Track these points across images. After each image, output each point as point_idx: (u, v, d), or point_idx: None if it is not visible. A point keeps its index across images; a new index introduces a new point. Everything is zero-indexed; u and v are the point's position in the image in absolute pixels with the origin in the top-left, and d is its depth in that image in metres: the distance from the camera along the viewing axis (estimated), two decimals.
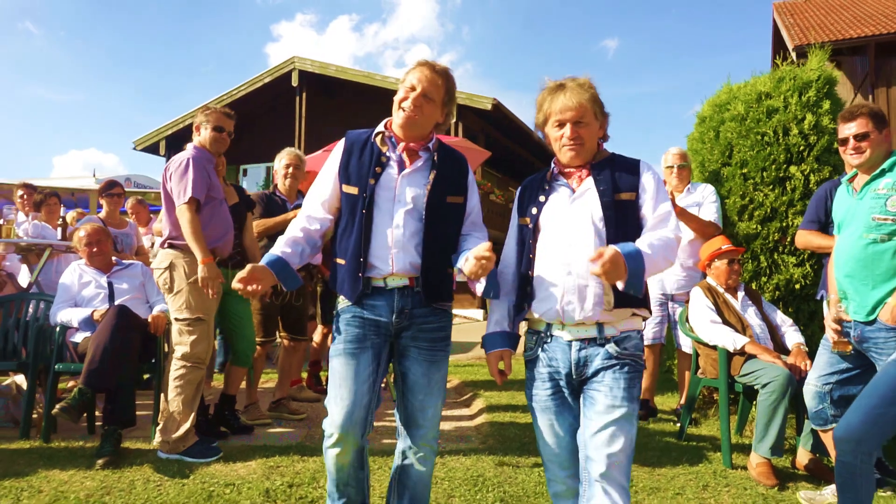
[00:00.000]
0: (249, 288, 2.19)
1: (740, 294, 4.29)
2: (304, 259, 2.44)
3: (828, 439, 3.29)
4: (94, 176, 11.74)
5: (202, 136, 3.97)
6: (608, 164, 2.22)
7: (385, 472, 3.52)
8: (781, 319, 4.26)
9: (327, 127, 17.20)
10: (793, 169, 4.51)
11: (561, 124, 2.19)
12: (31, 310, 4.55)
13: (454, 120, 15.52)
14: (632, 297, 2.05)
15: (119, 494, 3.18)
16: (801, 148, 4.50)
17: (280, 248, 2.37)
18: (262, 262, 2.30)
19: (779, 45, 20.24)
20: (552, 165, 2.30)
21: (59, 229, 5.74)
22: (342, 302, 2.41)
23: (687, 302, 4.41)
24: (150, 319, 4.08)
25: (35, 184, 6.62)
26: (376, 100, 16.34)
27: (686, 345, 4.73)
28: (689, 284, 4.61)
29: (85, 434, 4.25)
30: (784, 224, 4.53)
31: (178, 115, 20.46)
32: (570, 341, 2.15)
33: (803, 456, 3.82)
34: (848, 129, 3.20)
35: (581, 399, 2.16)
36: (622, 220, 2.13)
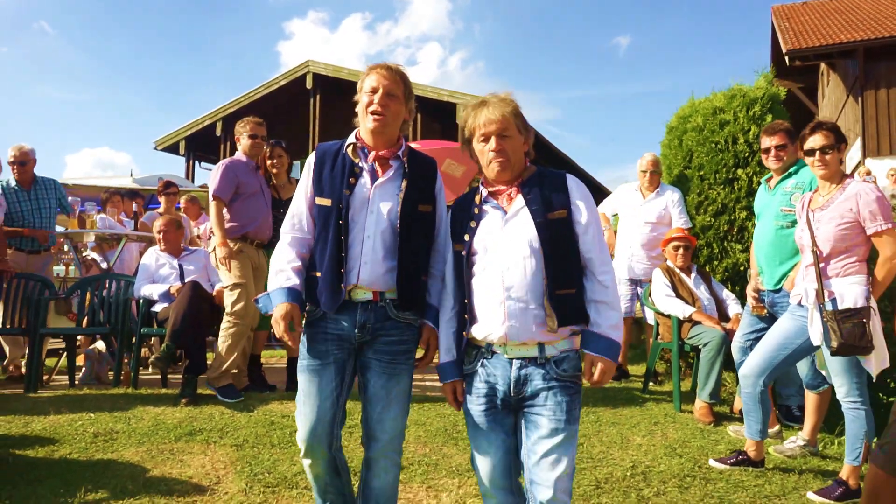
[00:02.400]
0: (290, 340, 2.30)
1: (693, 274, 5.25)
2: (304, 286, 2.43)
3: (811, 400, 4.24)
4: (131, 175, 12.77)
5: (242, 144, 5.00)
6: (536, 182, 2.24)
7: None
8: (726, 295, 5.22)
9: (340, 127, 17.90)
10: (740, 171, 5.45)
11: (486, 138, 2.21)
12: (112, 287, 5.57)
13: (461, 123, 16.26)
14: (573, 315, 2.16)
15: (203, 421, 4.18)
16: (747, 154, 5.44)
17: (287, 277, 2.35)
18: (284, 300, 2.29)
19: (777, 47, 20.75)
20: (480, 187, 2.31)
21: (133, 221, 6.78)
22: (307, 315, 2.42)
23: (649, 282, 5.39)
24: (214, 293, 5.07)
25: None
26: None
27: (650, 317, 5.67)
28: (651, 270, 5.57)
29: (158, 386, 5.28)
30: (732, 217, 5.47)
31: (191, 113, 21.43)
32: (511, 359, 2.16)
33: (739, 402, 4.78)
34: (770, 141, 4.15)
35: (521, 420, 2.19)
36: (557, 239, 2.15)
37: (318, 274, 2.37)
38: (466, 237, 2.24)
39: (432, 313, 2.40)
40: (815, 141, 3.51)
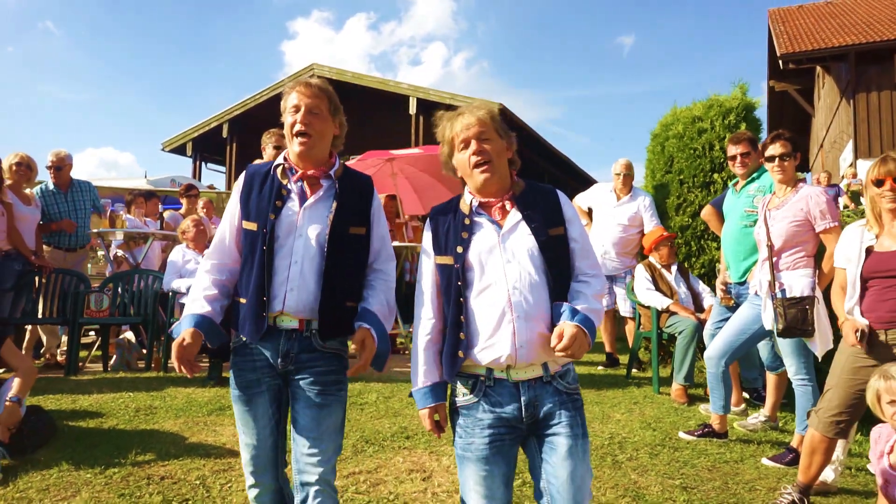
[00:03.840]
0: (184, 368, 2.22)
1: (673, 269, 5.76)
2: (223, 313, 2.34)
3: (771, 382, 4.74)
4: (145, 177, 13.32)
5: (267, 153, 5.47)
6: (530, 196, 2.15)
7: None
8: (702, 288, 5.72)
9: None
10: (716, 176, 5.95)
11: (466, 143, 2.10)
12: (140, 282, 6.09)
13: None
14: None
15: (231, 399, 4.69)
16: (722, 160, 5.93)
17: (200, 305, 2.27)
18: (189, 326, 2.21)
19: (774, 49, 21.06)
20: (468, 196, 2.16)
21: (159, 221, 7.33)
22: (235, 340, 2.34)
23: (632, 277, 5.91)
24: None
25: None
26: (389, 104, 17.70)
27: (625, 310, 6.18)
28: (622, 266, 6.09)
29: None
30: None
31: (195, 113, 21.95)
32: (518, 382, 2.03)
33: None
34: (736, 149, 4.65)
35: (532, 445, 2.08)
36: (559, 256, 2.09)
37: (244, 301, 2.28)
38: (459, 249, 2.09)
39: (369, 316, 2.29)
40: (775, 149, 4.00)
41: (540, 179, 21.68)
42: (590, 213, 6.54)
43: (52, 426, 3.92)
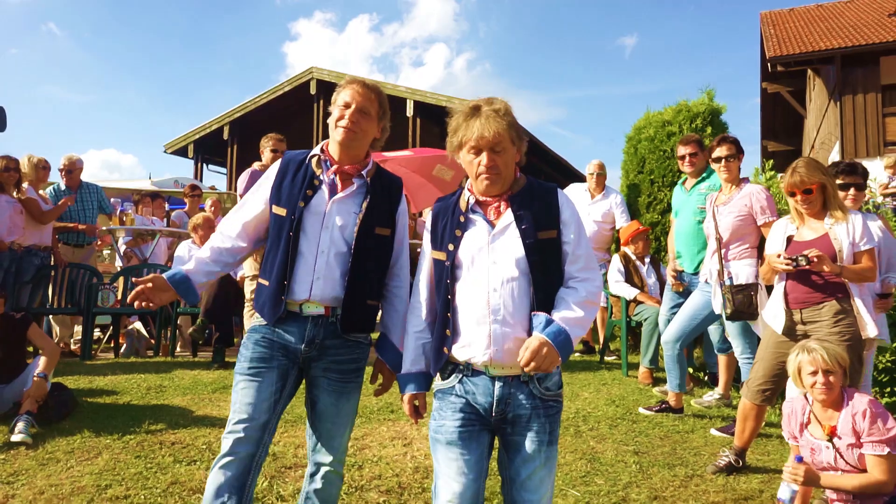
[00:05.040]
0: (143, 304, 2.30)
1: (647, 261, 6.21)
2: (211, 277, 2.43)
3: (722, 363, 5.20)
4: (149, 178, 13.81)
5: (265, 156, 5.91)
6: (527, 196, 2.11)
7: None
8: None
9: None
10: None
11: (477, 151, 2.06)
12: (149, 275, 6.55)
13: None
14: None
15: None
16: None
17: (188, 265, 2.39)
18: (165, 276, 2.32)
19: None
20: (467, 194, 2.17)
21: (166, 220, 7.81)
22: (254, 321, 2.38)
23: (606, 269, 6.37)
24: (238, 279, 6.05)
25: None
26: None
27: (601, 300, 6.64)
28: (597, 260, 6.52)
29: (190, 356, 6.27)
30: None
31: (197, 114, 22.26)
32: (493, 377, 2.04)
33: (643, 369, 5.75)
34: (684, 150, 5.10)
35: (502, 441, 2.11)
36: (546, 260, 2.05)
37: (266, 283, 2.34)
38: (451, 246, 2.11)
39: (387, 347, 2.38)
40: (721, 151, 4.45)
41: None
42: None
43: (73, 400, 4.38)
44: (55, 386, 4.31)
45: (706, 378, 5.67)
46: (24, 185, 6.16)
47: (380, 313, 2.52)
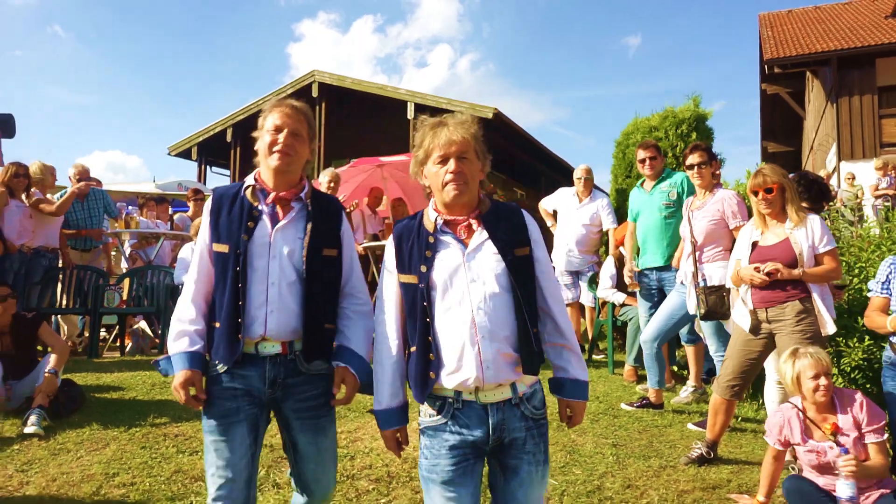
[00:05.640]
0: (193, 403, 2.22)
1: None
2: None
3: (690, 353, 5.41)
4: (153, 181, 14.06)
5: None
6: (497, 216, 2.12)
7: None
8: None
9: (344, 134, 19.01)
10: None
11: (444, 160, 2.05)
12: (153, 277, 6.80)
13: None
14: (540, 354, 2.10)
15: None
16: (674, 166, 6.61)
17: (193, 342, 2.24)
18: (186, 367, 2.19)
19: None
20: (433, 214, 2.12)
21: (170, 223, 8.07)
22: (212, 369, 2.26)
23: (598, 269, 6.60)
24: None
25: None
26: (388, 109, 18.32)
27: (587, 301, 6.85)
28: (584, 263, 6.74)
29: None
30: None
31: (201, 116, 22.42)
32: (486, 405, 2.03)
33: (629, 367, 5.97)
34: (644, 154, 5.33)
35: (499, 465, 2.10)
36: (525, 278, 2.07)
37: (217, 325, 2.24)
38: (423, 268, 2.05)
39: (347, 354, 2.29)
40: (693, 159, 4.68)
41: (537, 183, 22.26)
42: (555, 214, 7.19)
43: (82, 396, 4.62)
44: (65, 382, 4.55)
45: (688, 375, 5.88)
46: (33, 189, 6.41)
47: None
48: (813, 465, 3.22)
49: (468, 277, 2.03)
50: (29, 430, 4.01)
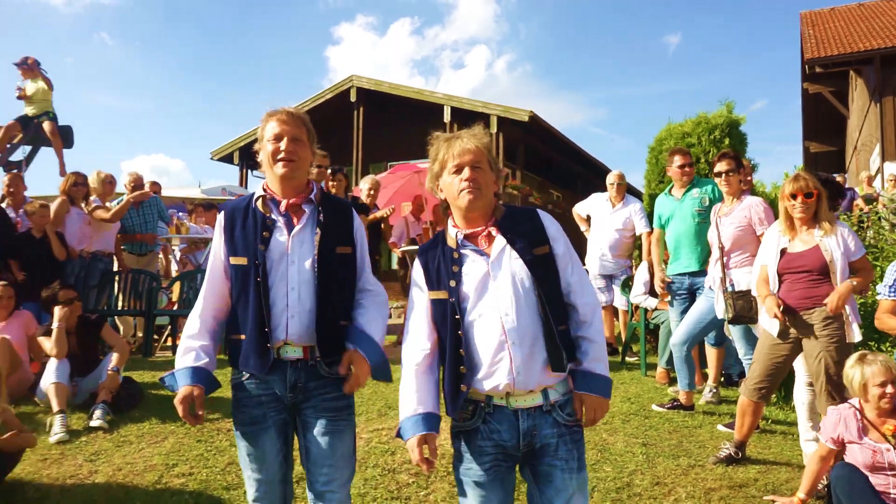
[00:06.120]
0: (191, 421, 2.26)
1: None
2: (214, 359, 2.38)
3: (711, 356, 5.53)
4: (199, 186, 14.56)
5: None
6: (512, 220, 2.16)
7: None
8: None
9: (381, 138, 19.28)
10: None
11: (458, 169, 2.11)
12: (202, 280, 7.14)
13: (494, 131, 17.17)
14: (571, 351, 2.12)
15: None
16: (706, 172, 6.70)
17: (198, 357, 2.29)
18: (188, 383, 2.23)
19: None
20: (453, 231, 2.19)
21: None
22: (235, 377, 2.34)
23: (626, 276, 6.74)
24: None
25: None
26: (425, 113, 18.55)
27: (621, 304, 6.97)
28: (618, 267, 6.88)
29: None
30: None
31: (241, 120, 22.76)
32: (516, 411, 2.07)
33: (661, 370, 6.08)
34: (682, 160, 5.43)
35: (527, 473, 2.13)
36: (547, 276, 2.10)
37: (243, 337, 2.29)
38: (452, 283, 2.11)
39: (357, 336, 2.33)
40: (721, 167, 4.80)
41: (573, 185, 22.25)
42: (588, 220, 7.34)
43: (140, 392, 4.95)
44: (125, 379, 4.88)
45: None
46: (92, 197, 6.80)
47: None
48: (867, 465, 3.23)
49: (494, 285, 2.09)
50: (94, 423, 4.34)
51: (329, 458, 2.28)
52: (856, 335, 3.74)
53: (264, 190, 2.41)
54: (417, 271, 2.24)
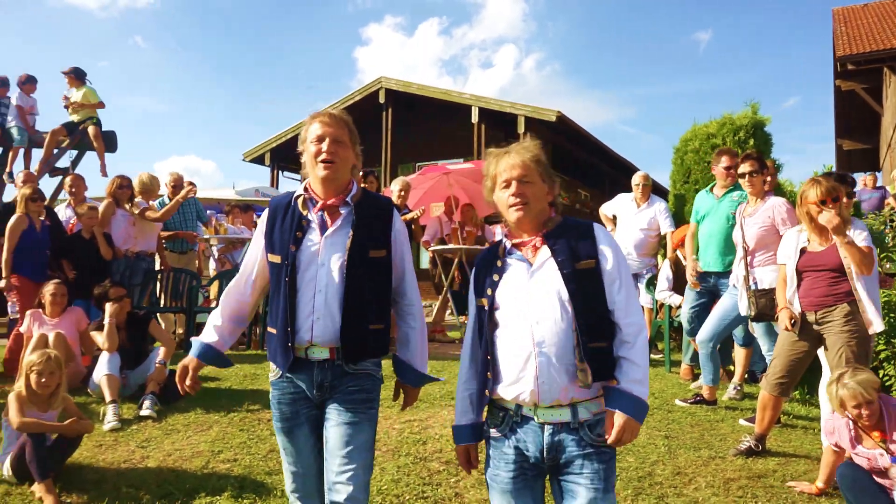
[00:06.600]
0: (185, 387, 2.45)
1: None
2: (235, 338, 2.56)
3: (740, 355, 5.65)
4: (233, 188, 14.95)
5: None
6: (562, 232, 2.16)
7: None
8: None
9: (410, 139, 19.47)
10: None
11: (507, 184, 2.14)
12: None
13: (522, 131, 17.25)
14: (607, 369, 2.07)
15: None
16: None
17: (209, 334, 2.47)
18: (193, 355, 2.44)
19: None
20: (504, 241, 2.24)
21: (254, 229, 8.77)
22: (271, 373, 2.45)
23: (651, 273, 6.86)
24: None
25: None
26: (453, 113, 18.74)
27: (646, 303, 7.08)
28: (643, 266, 7.02)
29: None
30: None
31: (271, 121, 23.06)
32: (542, 424, 2.07)
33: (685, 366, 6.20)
34: (723, 162, 5.54)
35: (554, 486, 2.14)
36: (586, 290, 2.08)
37: (274, 331, 2.38)
38: (489, 291, 2.17)
39: (402, 368, 2.49)
40: (744, 168, 4.92)
41: (601, 184, 22.26)
42: (614, 220, 7.47)
43: None
44: (171, 372, 5.15)
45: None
46: (137, 199, 7.12)
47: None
48: (867, 468, 3.37)
49: (529, 295, 2.11)
50: (144, 413, 4.62)
51: (343, 448, 2.29)
52: (877, 325, 3.85)
53: (305, 190, 2.45)
54: (472, 279, 2.31)
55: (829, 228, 3.78)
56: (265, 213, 2.50)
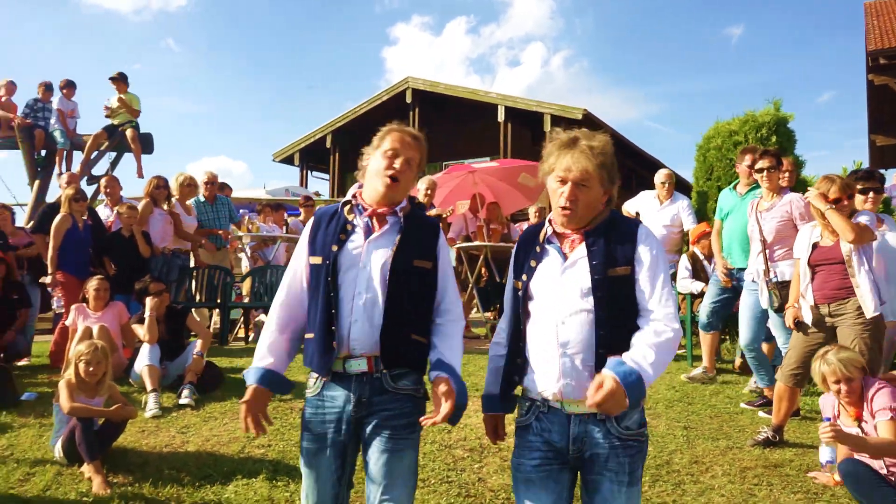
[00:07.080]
0: (251, 426, 2.26)
1: (713, 260, 6.75)
2: (293, 357, 2.41)
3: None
4: (264, 188, 15.33)
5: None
6: (604, 232, 2.11)
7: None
8: None
9: (437, 138, 19.54)
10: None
11: (563, 181, 2.08)
12: (271, 275, 7.68)
13: (548, 129, 17.27)
14: None
15: None
16: None
17: (263, 357, 2.33)
18: (253, 382, 2.28)
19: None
20: (547, 225, 2.20)
21: (285, 227, 9.04)
22: (309, 389, 2.34)
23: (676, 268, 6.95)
24: None
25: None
26: (479, 113, 18.87)
27: None
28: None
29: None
30: None
31: (300, 122, 23.13)
32: (569, 415, 2.06)
33: (738, 361, 6.27)
34: (746, 161, 5.62)
35: (583, 481, 2.11)
36: (615, 298, 2.03)
37: (311, 336, 2.30)
38: (525, 277, 2.16)
39: (446, 367, 2.24)
40: (762, 164, 5.01)
41: (627, 181, 22.30)
42: (637, 216, 7.55)
43: (222, 375, 5.48)
44: (207, 363, 5.40)
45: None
46: (174, 199, 7.40)
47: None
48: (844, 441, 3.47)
49: (559, 291, 2.08)
50: (183, 401, 4.86)
51: (386, 476, 2.21)
52: (868, 310, 3.93)
53: (354, 197, 2.42)
54: (513, 255, 2.30)
55: (809, 200, 4.03)
56: (310, 222, 2.46)
